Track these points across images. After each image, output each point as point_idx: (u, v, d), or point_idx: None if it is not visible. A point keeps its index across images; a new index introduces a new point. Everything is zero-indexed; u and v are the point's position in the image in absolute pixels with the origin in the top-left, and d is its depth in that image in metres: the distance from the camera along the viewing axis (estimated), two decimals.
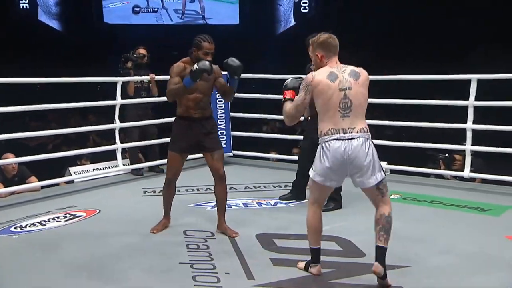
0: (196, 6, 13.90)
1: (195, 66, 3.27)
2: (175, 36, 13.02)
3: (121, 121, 5.31)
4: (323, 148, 2.71)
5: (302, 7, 13.85)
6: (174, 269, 2.99)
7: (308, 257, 2.91)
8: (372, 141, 2.73)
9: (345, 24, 11.42)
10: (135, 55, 5.40)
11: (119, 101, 5.26)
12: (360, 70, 2.77)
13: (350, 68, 2.76)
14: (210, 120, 3.55)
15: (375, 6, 11.92)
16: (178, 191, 4.70)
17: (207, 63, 3.27)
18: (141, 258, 3.17)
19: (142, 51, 5.47)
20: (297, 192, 4.33)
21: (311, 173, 2.78)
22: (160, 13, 13.88)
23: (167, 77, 5.65)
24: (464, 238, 3.41)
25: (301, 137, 7.54)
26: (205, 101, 3.49)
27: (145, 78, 5.46)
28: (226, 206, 3.63)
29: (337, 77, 2.70)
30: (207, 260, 3.09)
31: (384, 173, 2.75)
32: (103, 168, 5.42)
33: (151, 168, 5.59)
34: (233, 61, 3.38)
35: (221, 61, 3.47)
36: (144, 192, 4.77)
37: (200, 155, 4.02)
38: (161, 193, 3.73)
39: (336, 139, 2.66)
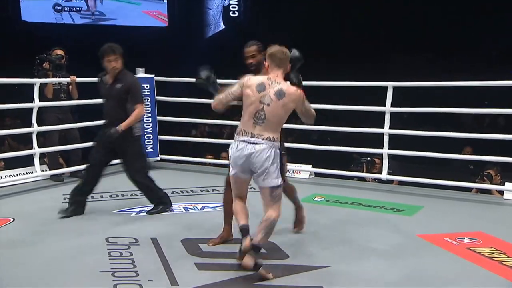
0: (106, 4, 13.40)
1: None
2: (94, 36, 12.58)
3: (40, 125, 5.06)
4: (232, 145, 2.99)
5: (232, 11, 13.94)
6: (94, 278, 2.89)
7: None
8: (278, 151, 2.93)
9: (274, 28, 11.64)
10: (52, 56, 5.18)
11: (36, 103, 5.01)
12: (288, 91, 2.93)
13: (281, 86, 2.93)
14: None
15: (304, 10, 12.23)
16: (102, 197, 4.61)
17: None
18: (59, 267, 3.04)
19: (60, 52, 5.24)
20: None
21: (231, 171, 3.03)
22: (84, 12, 13.33)
23: (88, 79, 5.50)
24: (380, 238, 3.59)
25: (229, 141, 7.52)
26: None
27: (64, 80, 5.24)
28: None
29: (264, 90, 2.92)
30: (129, 267, 3.02)
31: (281, 184, 2.97)
32: (18, 175, 5.11)
33: (73, 174, 5.37)
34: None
35: (145, 62, 3.43)
36: (65, 199, 4.55)
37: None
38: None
39: (243, 141, 2.93)
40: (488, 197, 4.84)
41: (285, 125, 3.08)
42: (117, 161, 4.16)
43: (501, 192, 4.71)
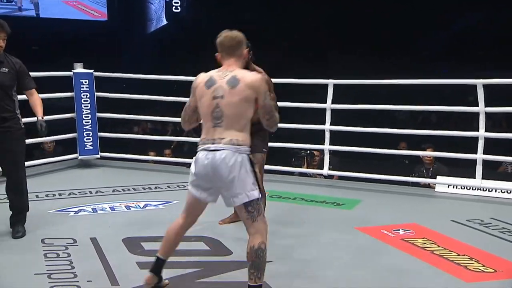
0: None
1: None
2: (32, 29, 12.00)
3: None
4: (194, 157, 2.53)
5: (174, 7, 13.78)
6: (28, 280, 2.78)
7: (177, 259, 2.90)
8: (246, 156, 2.45)
9: (216, 24, 11.61)
10: None
11: None
12: (242, 76, 2.45)
13: (233, 73, 2.47)
14: None
15: (246, 6, 12.28)
16: (37, 196, 4.42)
17: None
18: None
19: None
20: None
21: (188, 185, 2.58)
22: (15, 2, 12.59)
23: None
24: (322, 231, 3.69)
25: (173, 138, 7.37)
26: None
27: None
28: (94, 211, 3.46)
29: (214, 84, 2.46)
30: (67, 269, 2.92)
31: (260, 194, 2.47)
32: None
33: None
34: None
35: (85, 56, 3.32)
36: None
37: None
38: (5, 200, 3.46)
39: (203, 150, 2.46)
40: (421, 190, 5.09)
41: None
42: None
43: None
